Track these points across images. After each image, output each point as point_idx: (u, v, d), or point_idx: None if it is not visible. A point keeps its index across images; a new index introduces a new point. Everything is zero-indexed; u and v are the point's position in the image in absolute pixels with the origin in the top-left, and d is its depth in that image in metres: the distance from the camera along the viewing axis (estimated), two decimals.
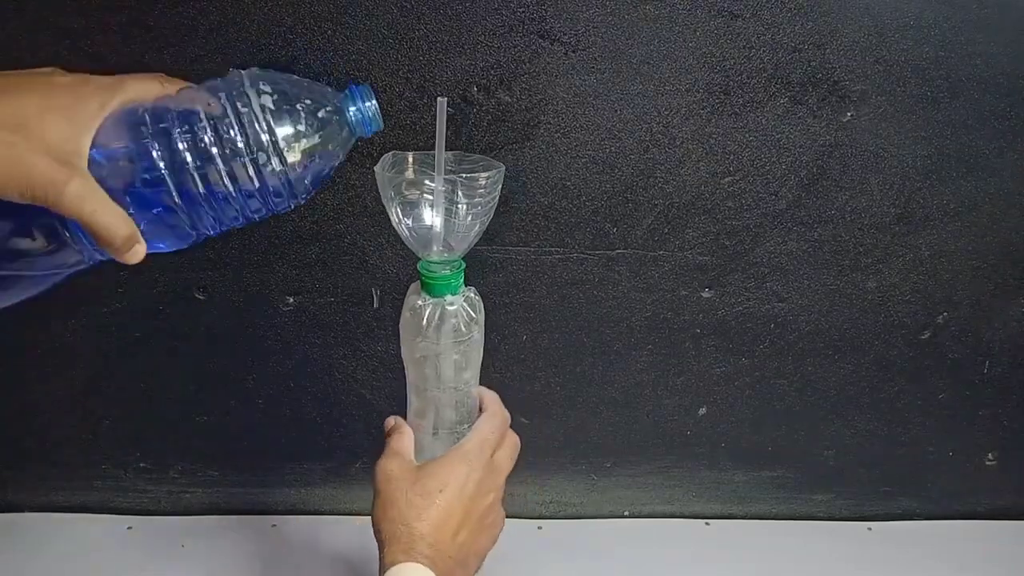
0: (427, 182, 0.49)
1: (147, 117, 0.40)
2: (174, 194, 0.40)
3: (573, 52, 0.61)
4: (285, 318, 0.71)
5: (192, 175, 0.40)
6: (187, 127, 0.40)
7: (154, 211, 0.41)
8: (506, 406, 0.75)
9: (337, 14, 0.59)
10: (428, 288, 0.51)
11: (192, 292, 0.69)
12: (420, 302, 0.51)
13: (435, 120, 0.48)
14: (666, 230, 0.69)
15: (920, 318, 0.74)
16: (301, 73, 0.60)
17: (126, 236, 0.39)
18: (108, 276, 0.68)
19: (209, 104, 0.41)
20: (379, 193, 0.50)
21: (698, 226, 0.69)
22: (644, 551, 0.78)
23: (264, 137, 0.41)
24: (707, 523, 0.83)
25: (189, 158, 0.40)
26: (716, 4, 0.60)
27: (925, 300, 0.74)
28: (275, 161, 0.41)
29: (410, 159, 0.50)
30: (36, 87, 0.39)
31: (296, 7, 0.59)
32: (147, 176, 0.40)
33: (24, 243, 0.40)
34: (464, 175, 0.48)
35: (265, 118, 0.41)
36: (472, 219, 0.49)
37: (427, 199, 0.49)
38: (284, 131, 0.41)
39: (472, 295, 0.52)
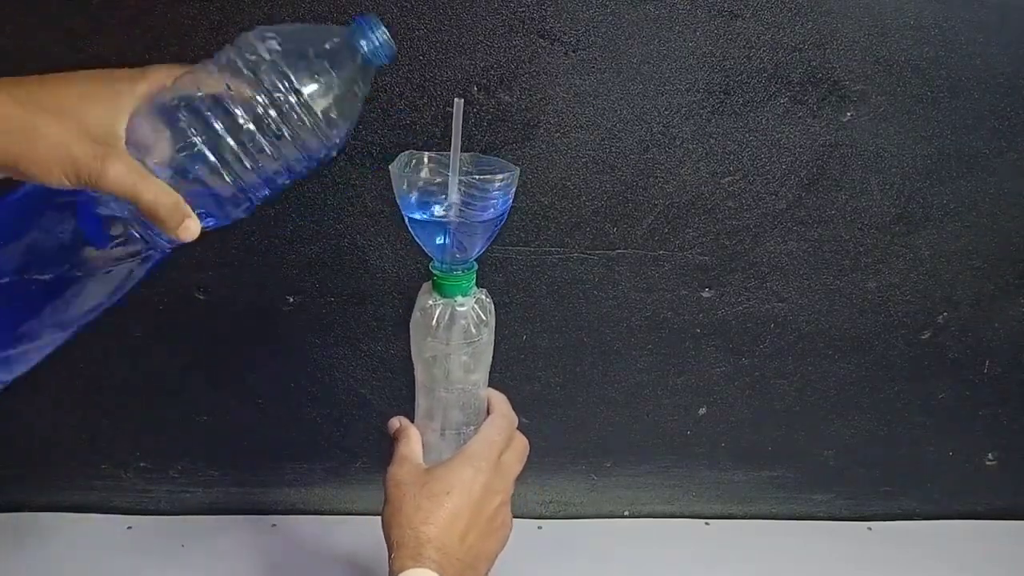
0: (441, 183, 0.48)
1: (175, 97, 0.42)
2: (214, 162, 0.41)
3: (573, 52, 0.61)
4: (285, 318, 0.71)
5: (226, 139, 0.41)
6: (212, 97, 0.41)
7: (199, 185, 0.42)
8: None
9: (337, 14, 0.59)
10: (439, 288, 0.51)
11: (192, 292, 0.69)
12: (431, 302, 0.51)
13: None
14: (666, 230, 0.69)
15: (920, 318, 0.74)
16: None
17: (171, 204, 0.40)
18: None
19: (223, 66, 0.42)
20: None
21: (698, 226, 0.69)
22: (644, 551, 0.78)
23: (282, 84, 0.41)
24: (707, 523, 0.83)
25: (220, 124, 0.41)
26: (716, 4, 0.60)
27: (925, 300, 0.74)
28: (296, 104, 0.42)
29: (425, 159, 0.50)
30: (74, 78, 0.42)
31: (296, 7, 0.59)
32: (184, 150, 0.41)
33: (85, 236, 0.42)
34: (478, 177, 0.48)
35: (277, 65, 0.41)
36: (485, 220, 0.49)
37: (441, 199, 0.49)
38: (298, 72, 0.42)
39: (483, 297, 0.52)
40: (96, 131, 0.40)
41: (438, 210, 0.49)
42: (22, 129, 0.38)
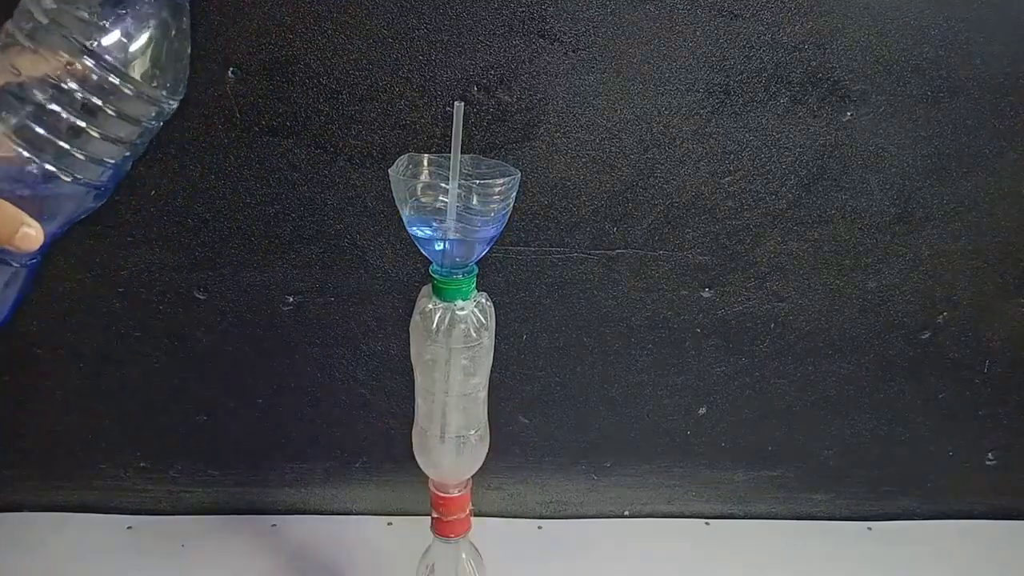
0: (442, 186, 0.48)
1: None
2: (29, 159, 0.36)
3: (573, 52, 0.61)
4: (285, 318, 0.71)
5: (33, 130, 0.36)
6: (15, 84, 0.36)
7: (24, 188, 0.37)
8: (506, 406, 0.75)
9: (337, 14, 0.59)
10: (439, 292, 0.51)
11: (192, 292, 0.69)
12: (430, 306, 0.51)
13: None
14: (666, 230, 0.69)
15: (920, 318, 0.74)
16: (301, 74, 0.61)
17: None
18: (108, 276, 0.68)
19: (4, 45, 0.37)
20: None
21: (698, 226, 0.69)
22: (644, 551, 0.78)
23: (71, 46, 0.35)
24: (707, 523, 0.83)
25: (15, 117, 0.36)
26: (716, 4, 0.60)
27: (925, 300, 0.74)
28: (96, 65, 0.36)
29: (425, 162, 0.50)
30: None
31: (296, 7, 0.59)
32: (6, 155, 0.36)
33: None
34: (479, 181, 0.48)
35: (59, 26, 0.35)
36: (486, 225, 0.49)
37: (441, 203, 0.48)
38: (85, 26, 0.36)
39: (484, 301, 0.52)
40: None
41: (438, 222, 0.48)
42: None
